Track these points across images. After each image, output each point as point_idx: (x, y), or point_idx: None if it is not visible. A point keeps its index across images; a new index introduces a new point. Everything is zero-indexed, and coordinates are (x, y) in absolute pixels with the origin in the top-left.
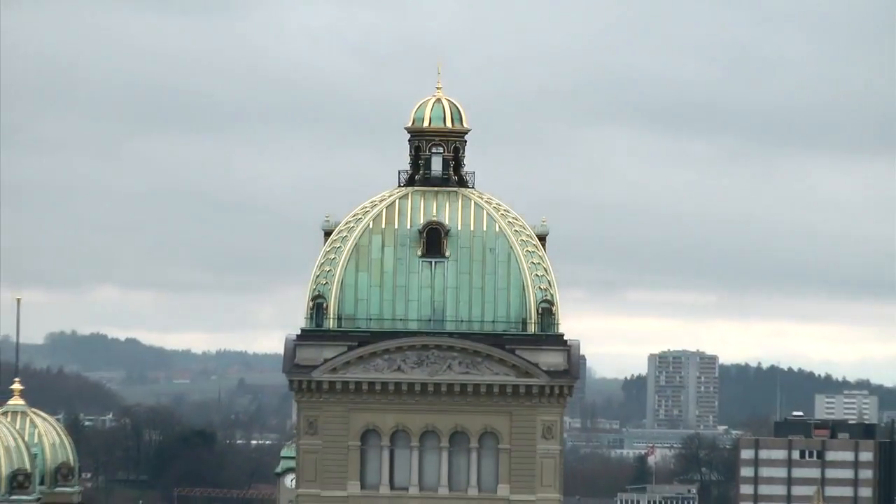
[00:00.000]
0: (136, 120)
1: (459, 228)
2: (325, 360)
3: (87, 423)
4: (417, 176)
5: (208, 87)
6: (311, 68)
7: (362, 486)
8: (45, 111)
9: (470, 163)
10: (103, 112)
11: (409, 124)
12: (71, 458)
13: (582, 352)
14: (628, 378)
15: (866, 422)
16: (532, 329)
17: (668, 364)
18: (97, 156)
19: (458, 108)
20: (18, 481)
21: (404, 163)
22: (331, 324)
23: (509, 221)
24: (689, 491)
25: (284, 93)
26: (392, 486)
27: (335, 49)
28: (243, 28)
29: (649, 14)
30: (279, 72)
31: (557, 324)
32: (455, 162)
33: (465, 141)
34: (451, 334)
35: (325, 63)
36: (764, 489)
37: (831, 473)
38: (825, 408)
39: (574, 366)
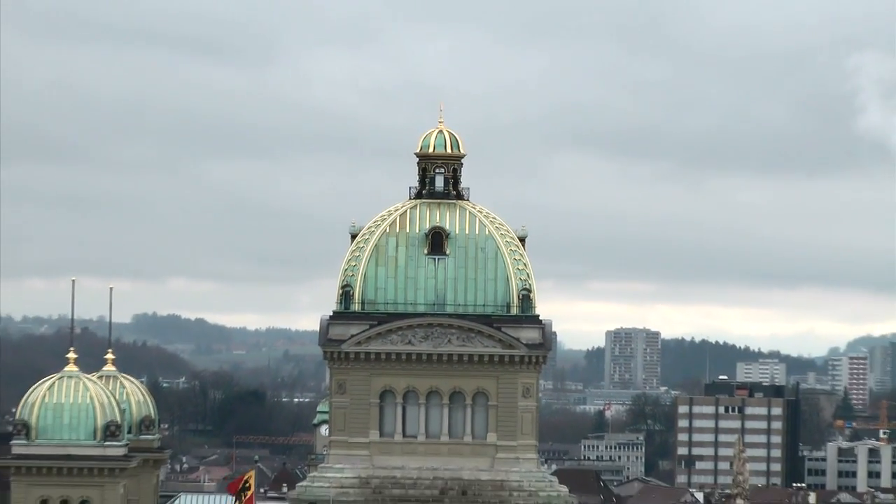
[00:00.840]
0: (201, 146)
1: (457, 232)
2: (352, 336)
3: (164, 385)
4: (424, 191)
5: (257, 121)
6: (338, 106)
7: (380, 434)
8: (127, 139)
9: (465, 180)
10: (174, 140)
11: (418, 150)
12: (152, 412)
13: (553, 329)
14: (590, 349)
15: (777, 384)
16: (514, 311)
17: (620, 339)
18: (169, 174)
19: (455, 138)
20: (111, 430)
21: (413, 180)
22: (356, 307)
23: (496, 227)
24: (637, 438)
25: (317, 125)
26: (404, 435)
27: (356, 91)
28: (283, 75)
29: (604, 62)
30: (312, 108)
31: (534, 307)
32: (454, 180)
33: (462, 163)
34: (450, 315)
35: (348, 102)
36: (696, 437)
37: (750, 425)
38: (744, 373)
39: (547, 340)
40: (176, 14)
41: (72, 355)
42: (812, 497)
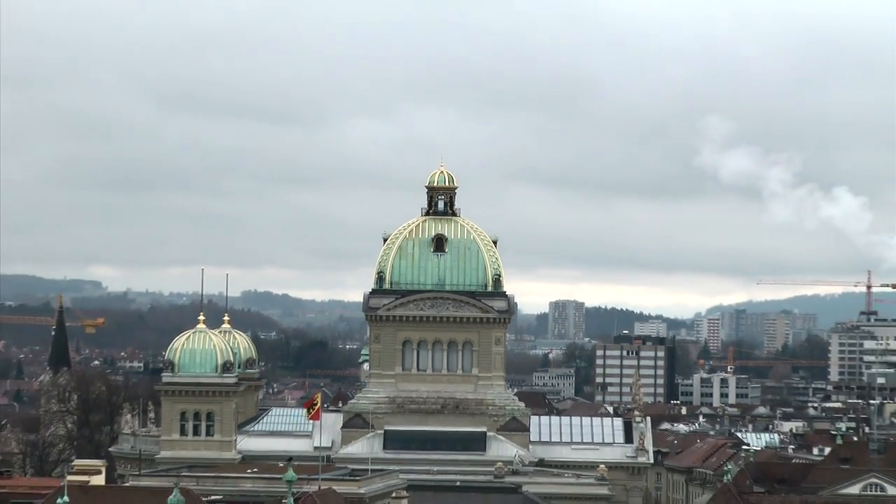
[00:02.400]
0: (280, 181)
1: (453, 237)
2: (384, 305)
3: (262, 337)
4: (430, 211)
5: (315, 164)
6: (370, 154)
7: (402, 369)
8: (232, 176)
9: (458, 203)
10: (262, 177)
11: (426, 184)
12: (254, 355)
13: (515, 300)
14: (538, 314)
15: (660, 337)
16: (489, 288)
17: (559, 307)
18: (261, 199)
19: (451, 176)
20: (227, 367)
21: (423, 203)
22: (387, 286)
23: (478, 234)
24: (569, 372)
25: (356, 166)
26: (417, 369)
27: (381, 144)
28: (331, 133)
29: (545, 125)
30: (351, 155)
31: (502, 286)
32: (450, 203)
33: (455, 192)
34: (448, 291)
35: (376, 151)
36: (608, 371)
37: (643, 363)
38: (639, 329)
39: (511, 307)
40: (259, 94)
41: (201, 318)
42: (683, 410)
